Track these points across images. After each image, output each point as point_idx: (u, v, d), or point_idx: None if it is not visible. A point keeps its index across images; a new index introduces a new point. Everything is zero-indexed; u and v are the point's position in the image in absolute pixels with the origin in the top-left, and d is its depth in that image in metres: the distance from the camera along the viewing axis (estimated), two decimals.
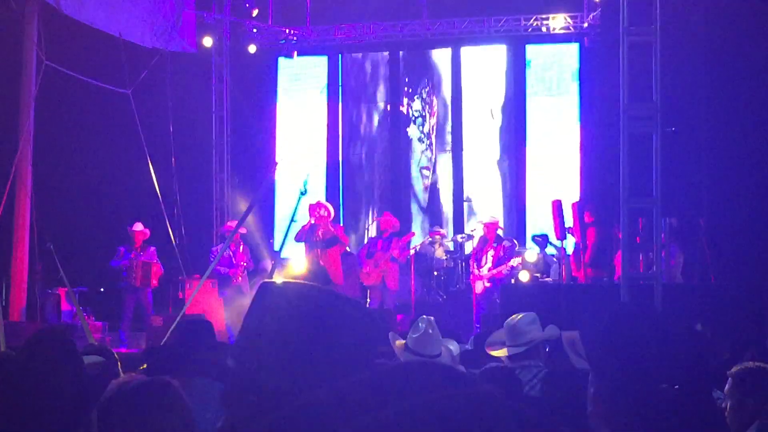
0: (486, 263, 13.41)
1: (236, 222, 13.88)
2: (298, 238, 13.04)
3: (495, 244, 13.55)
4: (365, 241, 16.46)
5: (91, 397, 2.60)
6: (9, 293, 13.42)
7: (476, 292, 13.43)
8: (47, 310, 13.95)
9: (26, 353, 2.66)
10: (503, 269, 13.48)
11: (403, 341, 5.46)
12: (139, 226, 13.86)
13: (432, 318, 5.48)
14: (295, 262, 14.04)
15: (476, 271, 13.49)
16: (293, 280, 2.21)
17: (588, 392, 2.34)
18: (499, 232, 14.31)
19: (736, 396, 4.21)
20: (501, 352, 5.47)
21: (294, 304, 1.82)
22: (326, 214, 13.08)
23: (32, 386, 2.51)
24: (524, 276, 13.87)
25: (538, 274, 13.84)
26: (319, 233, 13.01)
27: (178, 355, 4.64)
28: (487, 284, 13.34)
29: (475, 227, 14.81)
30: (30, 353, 2.65)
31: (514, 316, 5.62)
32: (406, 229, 16.31)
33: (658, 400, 2.17)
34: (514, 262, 13.68)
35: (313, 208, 13.04)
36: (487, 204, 17.06)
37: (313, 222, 12.93)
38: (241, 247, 14.25)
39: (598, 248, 12.61)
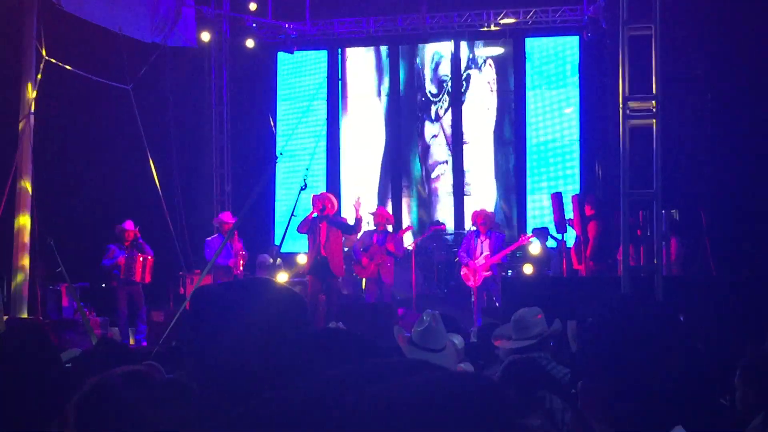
0: (483, 253, 13.36)
1: (228, 213, 13.90)
2: (300, 229, 13.00)
3: (489, 233, 13.50)
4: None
5: (68, 390, 2.62)
6: (10, 289, 13.42)
7: (475, 284, 13.37)
8: (48, 305, 13.96)
9: None
10: (508, 250, 13.53)
11: (408, 335, 5.46)
12: (130, 225, 13.80)
13: (437, 312, 5.48)
14: (298, 257, 14.05)
15: (472, 263, 13.42)
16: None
17: (579, 385, 2.34)
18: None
19: (741, 387, 4.21)
20: (507, 344, 5.47)
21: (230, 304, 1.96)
22: (330, 206, 13.04)
23: (3, 379, 2.52)
24: (528, 268, 13.88)
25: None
26: (324, 228, 12.95)
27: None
28: (486, 273, 13.29)
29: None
30: (2, 347, 2.66)
31: (520, 310, 5.62)
32: (403, 223, 16.34)
33: (653, 392, 2.16)
34: (524, 239, 13.75)
35: (318, 200, 12.98)
36: (486, 197, 17.07)
37: (316, 215, 12.90)
38: (237, 240, 14.24)
39: (599, 241, 12.60)
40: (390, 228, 14.19)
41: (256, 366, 1.84)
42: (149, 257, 13.81)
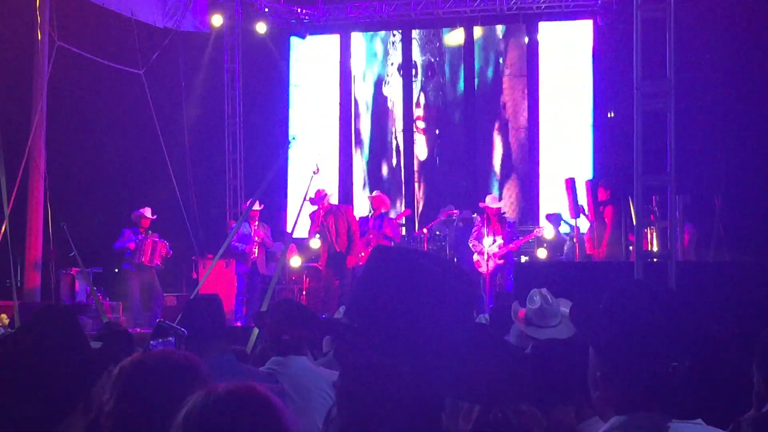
0: (495, 241, 13.35)
1: (257, 203, 13.93)
2: (311, 235, 13.21)
3: (499, 220, 13.49)
4: None
5: (94, 374, 2.63)
6: (24, 273, 13.48)
7: (488, 271, 13.35)
8: (61, 290, 14.00)
9: (27, 329, 2.68)
10: (522, 241, 13.55)
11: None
12: (148, 212, 13.80)
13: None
14: (311, 241, 14.05)
15: (484, 250, 13.40)
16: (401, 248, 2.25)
17: (591, 377, 2.31)
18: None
19: (758, 371, 4.17)
20: (530, 331, 5.45)
21: (405, 272, 1.86)
22: (329, 198, 13.21)
23: (30, 361, 2.54)
24: (542, 253, 13.88)
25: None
26: (331, 222, 13.03)
27: (189, 334, 4.64)
28: (499, 261, 13.28)
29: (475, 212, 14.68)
30: (31, 329, 2.67)
31: (537, 298, 5.56)
32: (405, 207, 16.28)
33: (671, 378, 2.14)
34: (537, 232, 13.76)
35: (316, 201, 13.06)
36: (499, 182, 17.03)
37: (322, 213, 13.01)
38: (257, 223, 14.24)
39: (617, 226, 12.54)
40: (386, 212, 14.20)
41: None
42: (160, 242, 13.81)
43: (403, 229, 15.57)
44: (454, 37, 17.44)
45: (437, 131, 17.83)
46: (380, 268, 1.88)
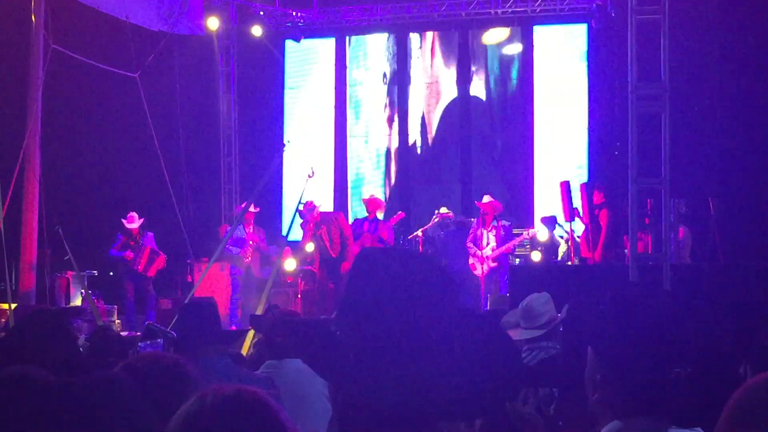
0: (489, 243, 13.36)
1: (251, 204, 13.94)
2: (304, 244, 13.32)
3: (494, 223, 13.50)
4: None
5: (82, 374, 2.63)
6: (18, 277, 13.44)
7: (483, 273, 13.36)
8: (56, 293, 13.99)
9: (18, 333, 2.69)
10: (515, 243, 13.56)
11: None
12: (132, 222, 13.82)
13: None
14: (306, 245, 14.08)
15: (479, 253, 13.43)
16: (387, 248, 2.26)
17: (590, 378, 2.31)
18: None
19: (752, 373, 4.18)
20: (517, 334, 5.46)
21: (392, 271, 1.87)
22: (318, 209, 13.30)
23: (19, 362, 2.53)
24: (536, 256, 13.88)
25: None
26: (323, 232, 13.10)
27: (185, 337, 4.65)
28: (493, 264, 13.29)
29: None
30: (21, 333, 2.67)
31: (529, 297, 5.59)
32: (398, 210, 16.27)
33: (672, 384, 2.14)
34: (530, 233, 13.75)
35: (306, 213, 13.09)
36: (494, 185, 17.02)
37: (312, 226, 13.05)
38: (252, 227, 14.26)
39: (612, 229, 12.55)
40: (381, 216, 14.19)
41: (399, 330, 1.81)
42: (159, 256, 13.85)
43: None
44: (493, 36, 17.29)
45: (432, 134, 17.81)
46: (362, 272, 1.89)
